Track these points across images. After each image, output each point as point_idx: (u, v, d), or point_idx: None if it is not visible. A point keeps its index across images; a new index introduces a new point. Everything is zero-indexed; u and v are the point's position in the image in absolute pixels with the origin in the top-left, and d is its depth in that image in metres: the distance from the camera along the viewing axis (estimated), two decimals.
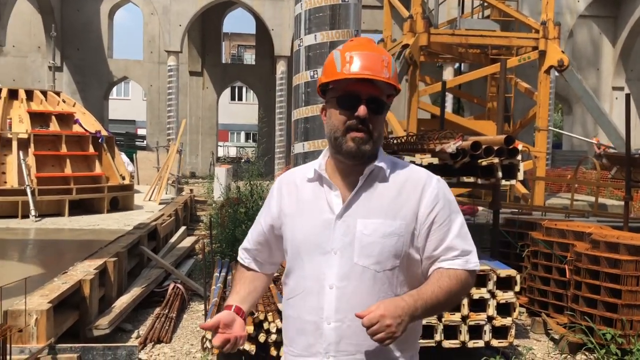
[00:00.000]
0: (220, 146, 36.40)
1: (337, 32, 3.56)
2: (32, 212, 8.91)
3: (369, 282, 1.64)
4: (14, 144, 9.38)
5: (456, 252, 1.68)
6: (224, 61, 32.44)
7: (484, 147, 4.89)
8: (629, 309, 4.92)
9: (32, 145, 9.48)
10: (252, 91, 33.54)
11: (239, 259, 1.95)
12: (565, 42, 22.50)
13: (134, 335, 5.24)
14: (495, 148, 4.96)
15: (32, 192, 9.05)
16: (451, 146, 4.65)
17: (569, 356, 5.05)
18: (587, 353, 5.03)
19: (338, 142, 1.66)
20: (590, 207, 12.19)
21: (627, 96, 7.19)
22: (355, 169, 1.69)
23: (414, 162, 4.99)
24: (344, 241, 1.65)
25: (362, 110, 1.62)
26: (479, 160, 5.01)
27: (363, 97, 1.63)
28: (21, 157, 9.26)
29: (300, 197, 1.76)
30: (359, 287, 1.63)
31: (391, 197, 1.68)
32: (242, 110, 44.93)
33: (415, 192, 1.69)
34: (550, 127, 15.52)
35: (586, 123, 25.20)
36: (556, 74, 14.27)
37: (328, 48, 3.58)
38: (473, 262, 1.71)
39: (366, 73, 1.62)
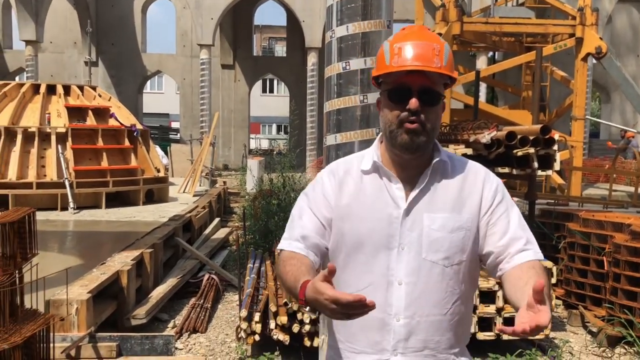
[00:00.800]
0: (252, 138, 36.63)
1: (369, 22, 3.53)
2: (71, 205, 9.13)
3: (438, 278, 1.62)
4: (53, 138, 9.62)
5: (522, 240, 1.64)
6: (255, 54, 32.58)
7: (519, 137, 4.81)
8: None
9: (69, 139, 9.70)
10: (283, 83, 33.62)
11: (295, 249, 1.69)
12: (604, 28, 21.89)
13: (170, 325, 5.34)
14: (531, 138, 4.88)
15: (71, 185, 9.27)
16: (485, 136, 4.58)
17: (607, 349, 4.95)
18: (626, 346, 4.93)
19: (392, 136, 1.62)
20: (629, 197, 11.90)
21: None
22: (413, 162, 1.66)
23: None
24: (411, 236, 1.62)
25: (413, 103, 1.58)
26: (514, 151, 4.93)
27: (414, 89, 1.59)
28: (59, 151, 9.49)
29: (358, 189, 1.69)
30: (428, 283, 1.62)
31: (455, 191, 1.66)
32: (274, 103, 45.09)
33: (476, 186, 1.68)
34: (587, 116, 15.16)
35: (625, 111, 24.53)
36: (594, 61, 13.92)
37: (360, 39, 3.56)
38: (539, 252, 1.67)
39: (415, 64, 1.57)
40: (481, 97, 20.49)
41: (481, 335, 4.65)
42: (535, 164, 4.98)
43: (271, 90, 47.07)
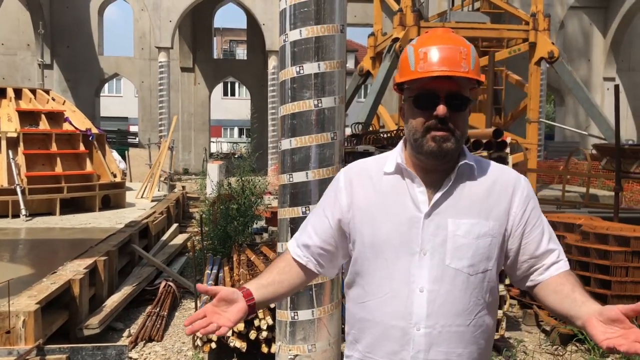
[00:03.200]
0: (213, 142, 36.30)
1: (322, 27, 3.53)
2: (23, 212, 8.86)
3: (462, 286, 1.55)
4: (3, 143, 9.31)
5: (556, 252, 1.62)
6: (215, 56, 32.30)
7: (472, 140, 4.89)
8: (618, 300, 4.95)
9: (21, 144, 9.41)
10: (244, 86, 33.42)
11: (294, 255, 1.73)
12: (556, 34, 22.52)
13: (125, 334, 5.23)
14: (484, 141, 4.96)
15: (23, 192, 8.99)
16: None
17: (560, 347, 5.07)
18: (577, 344, 5.06)
19: (418, 144, 1.56)
20: (581, 198, 12.24)
21: (616, 87, 7.21)
22: (439, 166, 1.59)
23: None
24: (435, 242, 1.55)
25: (441, 109, 1.51)
26: None
27: (441, 95, 1.52)
28: (10, 156, 9.20)
29: (377, 191, 1.63)
30: (452, 291, 1.54)
31: (482, 197, 1.59)
32: (235, 106, 44.79)
33: (506, 192, 1.61)
34: (541, 119, 15.56)
35: (578, 114, 25.27)
36: (547, 65, 14.29)
37: (314, 43, 3.56)
38: (567, 262, 1.65)
39: (442, 69, 1.51)
40: None
41: None
42: None
43: (232, 94, 46.76)
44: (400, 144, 1.69)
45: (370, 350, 1.62)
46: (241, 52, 44.31)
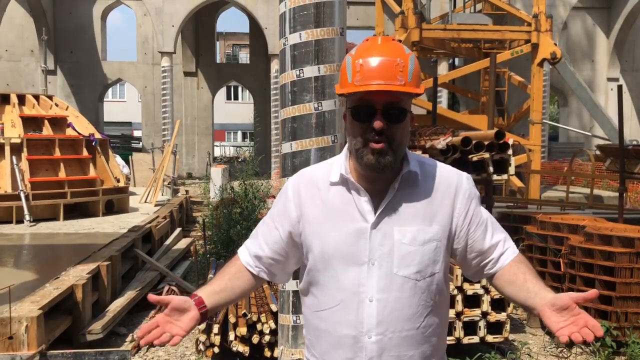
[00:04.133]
0: (217, 146, 36.36)
1: (322, 30, 3.53)
2: (27, 217, 8.89)
3: (410, 292, 1.57)
4: (7, 149, 9.35)
5: (502, 243, 1.67)
6: (218, 61, 32.34)
7: (474, 142, 4.88)
8: (623, 301, 4.92)
9: (25, 150, 9.46)
10: (247, 90, 33.45)
11: (245, 264, 1.74)
12: (560, 34, 22.48)
13: (129, 339, 5.23)
14: (486, 143, 4.94)
15: (26, 197, 9.03)
16: (441, 142, 4.63)
17: (564, 349, 5.04)
18: (582, 346, 5.03)
19: (358, 154, 1.57)
20: (586, 199, 12.19)
21: (619, 88, 7.18)
22: (382, 175, 1.59)
23: None
24: (382, 251, 1.57)
25: (377, 123, 1.51)
26: (470, 156, 4.99)
27: (378, 107, 1.52)
28: (14, 162, 9.23)
29: (325, 202, 1.64)
30: (400, 299, 1.57)
31: (426, 202, 1.61)
32: (238, 110, 44.83)
33: (448, 194, 1.64)
34: (544, 120, 15.52)
35: (582, 115, 25.18)
36: (549, 66, 14.26)
37: (313, 47, 3.56)
38: (515, 247, 1.71)
39: (376, 84, 1.50)
40: (443, 103, 20.79)
41: (466, 340, 4.70)
42: (491, 169, 5.05)
43: (236, 97, 46.81)
44: (345, 151, 1.68)
45: (326, 357, 1.65)
46: (244, 56, 44.37)
